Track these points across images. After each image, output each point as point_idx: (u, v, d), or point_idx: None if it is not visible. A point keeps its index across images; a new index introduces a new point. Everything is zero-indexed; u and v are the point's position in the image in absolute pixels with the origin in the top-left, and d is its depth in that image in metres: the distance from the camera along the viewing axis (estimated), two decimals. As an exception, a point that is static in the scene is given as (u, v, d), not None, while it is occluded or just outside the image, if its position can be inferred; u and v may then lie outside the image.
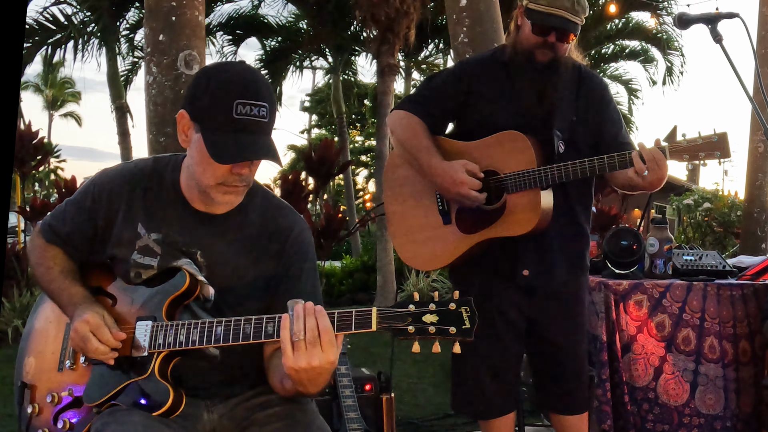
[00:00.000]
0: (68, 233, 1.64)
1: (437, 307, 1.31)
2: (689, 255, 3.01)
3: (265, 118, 1.44)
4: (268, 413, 1.58)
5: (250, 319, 1.41)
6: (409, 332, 1.31)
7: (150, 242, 1.57)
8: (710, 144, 1.98)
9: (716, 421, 2.73)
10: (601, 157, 2.05)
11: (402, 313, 1.31)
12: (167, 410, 1.45)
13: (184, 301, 1.52)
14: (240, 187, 1.51)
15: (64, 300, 1.60)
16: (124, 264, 1.58)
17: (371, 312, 1.33)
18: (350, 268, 10.15)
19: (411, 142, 2.25)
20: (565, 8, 2.06)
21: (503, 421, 2.32)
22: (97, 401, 1.52)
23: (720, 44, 1.93)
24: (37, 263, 1.67)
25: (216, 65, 1.52)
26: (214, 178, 1.48)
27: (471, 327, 1.30)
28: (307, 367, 1.34)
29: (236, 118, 1.41)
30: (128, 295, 1.58)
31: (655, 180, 2.03)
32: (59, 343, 1.65)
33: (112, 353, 1.50)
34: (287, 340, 1.34)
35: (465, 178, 2.12)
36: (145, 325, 1.50)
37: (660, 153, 1.98)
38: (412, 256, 2.34)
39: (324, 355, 1.33)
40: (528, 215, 2.11)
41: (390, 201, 2.39)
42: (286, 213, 1.65)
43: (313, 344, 1.33)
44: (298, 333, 1.34)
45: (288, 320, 1.35)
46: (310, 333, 1.34)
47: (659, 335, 2.72)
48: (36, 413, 1.62)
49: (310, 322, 1.34)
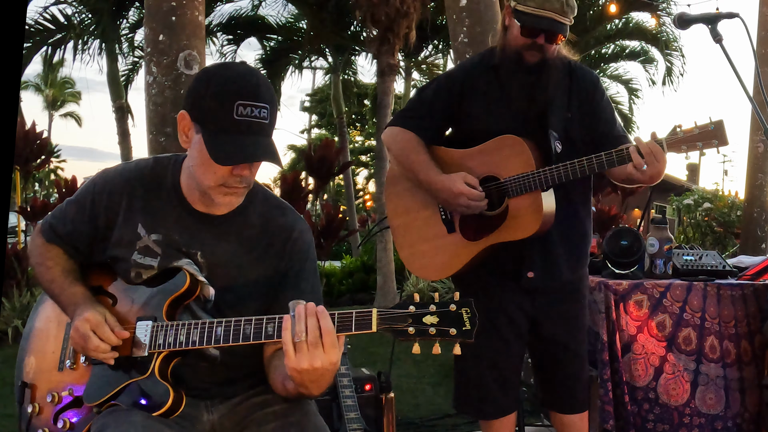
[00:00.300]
0: (68, 233, 1.64)
1: (438, 308, 1.31)
2: (689, 255, 3.01)
3: (266, 119, 1.44)
4: (266, 412, 1.59)
5: (251, 320, 1.41)
6: (410, 333, 1.30)
7: (150, 243, 1.57)
8: (707, 133, 1.97)
9: (717, 421, 2.73)
10: (599, 155, 2.05)
11: (402, 314, 1.31)
12: (167, 410, 1.45)
13: (184, 302, 1.52)
14: (240, 188, 1.51)
15: (65, 300, 1.60)
16: (125, 264, 1.58)
17: (371, 313, 1.33)
18: (350, 268, 10.15)
19: (409, 158, 2.25)
20: (554, 10, 2.05)
21: (504, 421, 2.32)
22: (97, 401, 1.52)
23: (720, 44, 1.93)
24: (37, 263, 1.67)
25: (217, 66, 1.51)
26: (214, 180, 1.48)
27: (471, 328, 1.30)
28: (309, 369, 1.34)
29: (237, 119, 1.41)
30: (129, 295, 1.58)
31: (654, 173, 2.03)
32: (60, 343, 1.65)
33: (113, 353, 1.50)
34: (289, 341, 1.34)
35: (464, 188, 2.12)
36: (145, 325, 1.50)
37: (657, 146, 1.97)
38: (421, 267, 2.34)
39: (326, 356, 1.33)
40: (531, 218, 2.11)
41: (393, 214, 2.39)
42: (287, 213, 1.65)
43: (314, 345, 1.33)
44: (299, 334, 1.33)
45: (289, 321, 1.35)
46: (312, 334, 1.33)
47: (660, 335, 2.71)
48: (36, 413, 1.62)
49: (312, 322, 1.34)
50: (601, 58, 13.90)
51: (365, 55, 12.93)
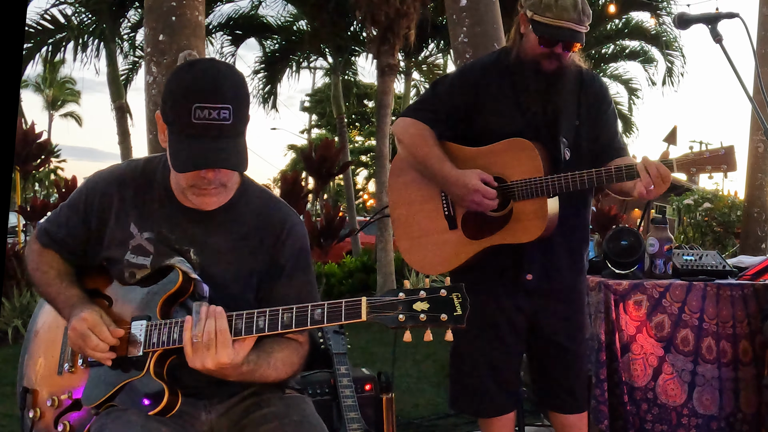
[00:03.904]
0: (63, 237, 1.64)
1: (428, 294, 1.30)
2: (689, 255, 3.01)
3: (228, 120, 1.39)
4: (264, 412, 1.59)
5: (242, 314, 1.41)
6: (400, 321, 1.28)
7: (142, 241, 1.57)
8: (717, 157, 1.97)
9: (713, 421, 2.74)
10: (608, 168, 2.06)
11: (392, 301, 1.30)
12: (163, 409, 1.45)
13: (178, 299, 1.51)
14: (210, 189, 1.49)
15: (61, 303, 1.60)
16: (119, 265, 1.58)
17: (361, 302, 1.32)
18: (350, 268, 10.15)
19: (421, 150, 2.24)
20: (572, 20, 2.05)
21: (503, 420, 2.32)
22: (95, 402, 1.52)
23: (720, 44, 1.93)
24: (33, 268, 1.67)
25: (182, 66, 1.48)
26: (185, 181, 1.48)
27: (463, 313, 1.28)
28: (202, 369, 1.37)
29: (194, 123, 1.37)
30: (124, 295, 1.58)
31: (657, 192, 2.04)
32: (59, 347, 1.65)
33: (110, 353, 1.50)
34: (188, 341, 1.38)
35: (480, 186, 2.12)
36: (140, 325, 1.50)
37: (666, 169, 1.98)
38: (418, 260, 2.34)
39: (216, 356, 1.36)
40: (535, 223, 2.11)
41: (395, 206, 2.39)
42: (279, 207, 1.64)
43: (207, 347, 1.36)
44: (197, 335, 1.36)
45: (191, 322, 1.38)
46: (207, 336, 1.36)
47: (658, 335, 2.72)
48: (38, 418, 1.62)
49: (210, 324, 1.36)
50: (601, 58, 13.90)
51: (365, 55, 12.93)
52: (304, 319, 1.37)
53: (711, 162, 1.98)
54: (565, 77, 2.17)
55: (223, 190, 1.52)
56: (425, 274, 2.01)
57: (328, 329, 2.51)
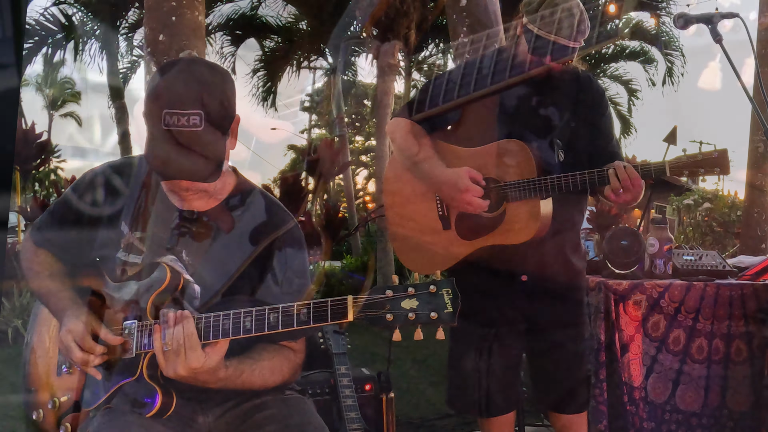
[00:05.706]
0: (56, 235, 1.64)
1: (417, 290, 1.23)
2: (689, 255, 3.01)
3: (198, 126, 1.36)
4: (264, 415, 1.57)
5: (229, 314, 1.39)
6: (388, 320, 1.22)
7: (134, 240, 1.56)
8: (710, 160, 1.97)
9: (693, 417, 2.75)
10: (583, 172, 2.05)
11: (379, 300, 1.24)
12: (157, 412, 1.44)
13: (168, 298, 1.50)
14: (189, 194, 1.48)
15: (53, 305, 1.60)
16: (111, 263, 1.58)
17: (346, 301, 1.28)
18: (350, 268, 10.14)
19: (412, 150, 2.24)
20: (563, 36, 2.05)
21: (503, 420, 2.32)
22: (92, 405, 1.52)
23: (720, 44, 1.93)
24: (27, 267, 1.67)
25: (161, 67, 1.47)
26: (164, 186, 1.48)
27: (454, 311, 1.21)
28: (175, 376, 1.36)
29: (164, 129, 1.36)
30: (116, 293, 1.57)
31: (629, 199, 2.04)
32: (57, 348, 1.64)
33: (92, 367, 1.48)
34: (159, 350, 1.36)
35: (469, 185, 2.12)
36: (131, 326, 1.49)
37: (634, 171, 1.98)
38: (411, 260, 2.34)
39: (186, 362, 1.34)
40: (528, 224, 2.11)
41: (390, 205, 2.39)
42: (274, 208, 1.63)
43: (176, 353, 1.35)
44: (168, 343, 1.35)
45: (159, 331, 1.36)
46: (176, 342, 1.35)
47: (653, 335, 2.72)
48: (41, 419, 1.62)
49: (177, 330, 1.35)
50: (600, 58, 13.89)
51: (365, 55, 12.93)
52: (290, 319, 1.34)
53: (704, 165, 1.97)
54: (560, 80, 2.17)
55: (205, 194, 1.51)
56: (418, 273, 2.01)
57: (328, 329, 2.51)
